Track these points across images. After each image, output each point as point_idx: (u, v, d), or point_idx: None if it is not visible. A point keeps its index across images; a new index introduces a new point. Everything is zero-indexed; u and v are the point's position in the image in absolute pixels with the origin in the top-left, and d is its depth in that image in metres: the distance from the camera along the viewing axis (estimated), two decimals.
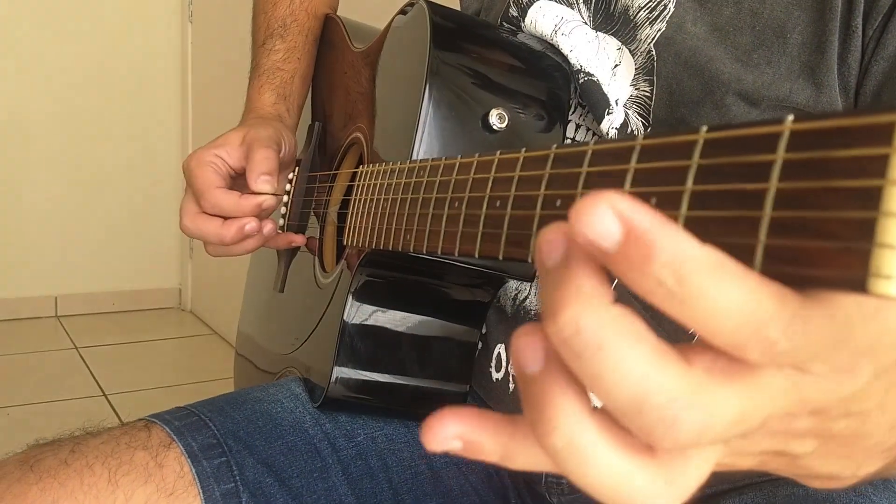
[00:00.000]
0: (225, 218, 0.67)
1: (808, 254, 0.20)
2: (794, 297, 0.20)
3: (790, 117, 0.21)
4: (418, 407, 0.60)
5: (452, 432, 0.24)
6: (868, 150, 0.19)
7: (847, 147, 0.19)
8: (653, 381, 0.20)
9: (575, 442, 0.21)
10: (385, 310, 0.57)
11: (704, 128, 0.23)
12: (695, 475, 0.22)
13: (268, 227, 0.68)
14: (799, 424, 0.24)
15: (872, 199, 0.19)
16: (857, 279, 0.19)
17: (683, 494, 0.22)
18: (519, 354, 0.22)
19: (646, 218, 0.19)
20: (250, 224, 0.66)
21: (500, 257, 0.32)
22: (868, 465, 0.27)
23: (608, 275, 0.21)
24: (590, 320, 0.20)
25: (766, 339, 0.19)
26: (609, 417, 0.22)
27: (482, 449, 0.24)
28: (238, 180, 0.70)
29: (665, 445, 0.20)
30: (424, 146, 0.50)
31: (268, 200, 0.66)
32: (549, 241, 0.21)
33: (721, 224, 0.21)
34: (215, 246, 0.68)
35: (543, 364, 0.22)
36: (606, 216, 0.19)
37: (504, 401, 0.59)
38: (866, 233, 0.19)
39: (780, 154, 0.21)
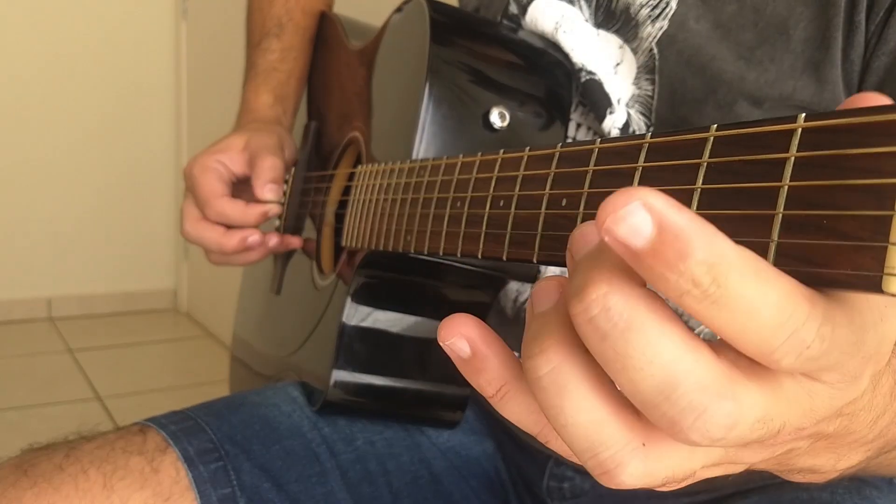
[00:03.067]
0: (228, 226, 0.66)
1: (822, 253, 0.19)
2: (820, 298, 0.19)
3: (802, 115, 0.20)
4: (418, 410, 0.59)
5: (468, 332, 0.24)
6: (882, 148, 0.19)
7: (860, 145, 0.19)
8: (682, 367, 0.19)
9: (559, 370, 0.21)
10: (384, 312, 0.56)
11: (714, 126, 0.23)
12: (675, 464, 0.22)
13: (273, 241, 0.68)
14: (803, 434, 0.23)
15: (887, 197, 0.19)
16: (872, 279, 0.18)
17: (653, 473, 0.21)
18: (537, 294, 0.22)
19: (681, 215, 0.18)
20: (253, 237, 0.66)
21: (505, 258, 0.32)
22: (848, 459, 0.28)
23: None
24: (618, 299, 0.19)
25: (802, 341, 0.19)
26: (597, 366, 0.21)
27: (485, 366, 0.24)
28: (239, 186, 0.69)
29: (692, 438, 0.20)
30: (425, 145, 0.49)
31: (273, 209, 0.66)
32: (583, 235, 0.21)
33: (733, 222, 0.21)
34: (217, 255, 0.68)
35: (553, 304, 0.22)
36: (638, 212, 0.18)
37: None
38: (881, 231, 0.18)
39: (793, 152, 0.20)
